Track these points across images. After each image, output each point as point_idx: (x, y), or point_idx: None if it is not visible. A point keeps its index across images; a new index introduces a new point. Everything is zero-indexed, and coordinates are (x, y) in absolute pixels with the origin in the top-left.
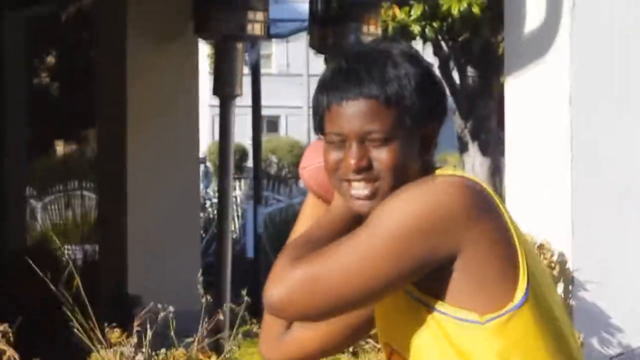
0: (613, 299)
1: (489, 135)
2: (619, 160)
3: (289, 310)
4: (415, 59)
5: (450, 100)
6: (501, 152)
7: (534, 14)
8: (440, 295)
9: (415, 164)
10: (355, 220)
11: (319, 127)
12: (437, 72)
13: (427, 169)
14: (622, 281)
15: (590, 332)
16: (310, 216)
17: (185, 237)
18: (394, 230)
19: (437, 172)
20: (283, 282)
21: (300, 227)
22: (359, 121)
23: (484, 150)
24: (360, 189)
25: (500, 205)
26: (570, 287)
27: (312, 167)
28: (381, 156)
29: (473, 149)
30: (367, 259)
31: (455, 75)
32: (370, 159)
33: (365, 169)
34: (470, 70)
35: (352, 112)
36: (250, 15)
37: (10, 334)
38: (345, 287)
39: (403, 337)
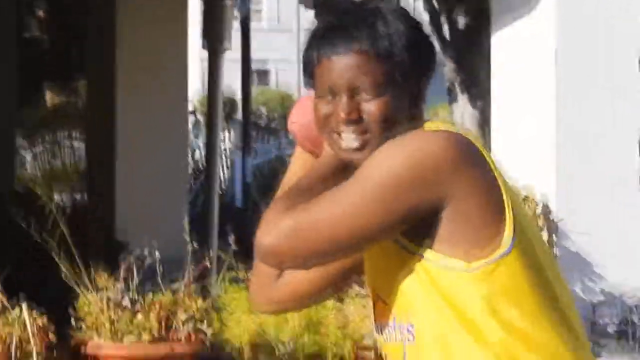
0: (595, 248)
1: (478, 87)
2: (601, 114)
3: (280, 258)
4: (404, 16)
5: (440, 52)
6: (490, 104)
7: None
8: (427, 242)
9: (404, 118)
10: (345, 172)
11: (310, 80)
12: (427, 25)
13: (417, 123)
14: (605, 231)
15: (574, 280)
16: (299, 169)
17: (173, 185)
18: (382, 180)
19: (426, 125)
20: (274, 231)
21: (289, 180)
22: (350, 75)
23: (472, 102)
24: (350, 140)
25: (488, 157)
26: (553, 235)
27: (302, 121)
28: (371, 109)
29: (462, 100)
30: (357, 208)
31: (446, 28)
32: (360, 111)
33: (356, 121)
34: (460, 23)
35: (343, 66)
36: None
37: None
38: (335, 235)
39: (389, 284)
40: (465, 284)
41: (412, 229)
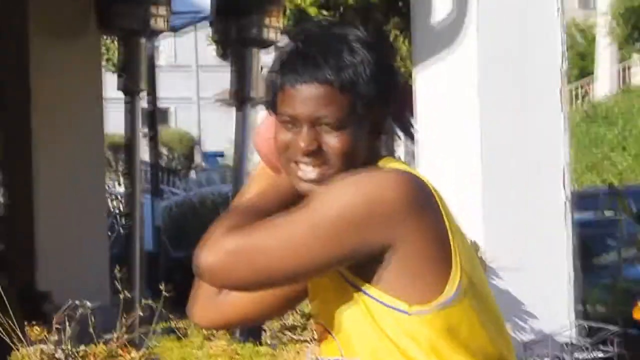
0: (525, 286)
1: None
2: (525, 150)
3: (217, 278)
4: (371, 45)
5: None
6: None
7: (440, 6)
8: (372, 280)
9: (363, 151)
10: (298, 197)
11: (272, 105)
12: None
13: (375, 157)
14: (534, 268)
15: (505, 319)
16: (258, 182)
17: (93, 232)
18: (330, 215)
19: (382, 162)
20: (215, 249)
21: (248, 193)
22: (312, 105)
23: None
24: (308, 171)
25: (440, 201)
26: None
27: (266, 135)
28: (332, 142)
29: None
30: (301, 239)
31: None
32: (320, 143)
33: (315, 153)
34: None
35: (306, 96)
36: (153, 9)
37: None
38: (277, 264)
39: (333, 316)
40: (407, 326)
41: (358, 265)
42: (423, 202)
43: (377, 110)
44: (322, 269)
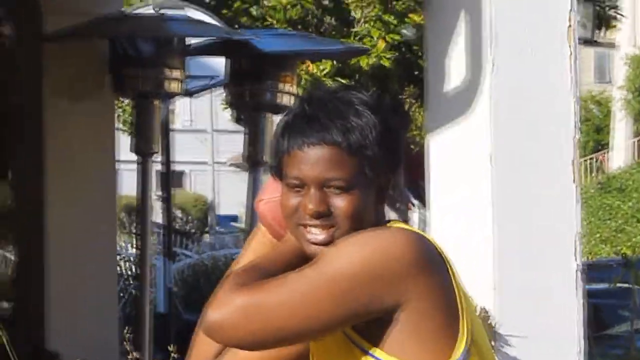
0: (535, 354)
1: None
2: (538, 219)
3: (226, 334)
4: (376, 108)
5: None
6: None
7: (454, 75)
8: (377, 341)
9: (370, 214)
10: (305, 258)
11: (277, 170)
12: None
13: (380, 220)
14: (544, 337)
15: None
16: (255, 250)
17: (103, 293)
18: (340, 274)
19: (389, 224)
20: (224, 306)
21: (244, 259)
22: (320, 167)
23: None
24: (317, 234)
25: (447, 262)
26: (493, 342)
27: (269, 200)
28: (340, 204)
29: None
30: (310, 297)
31: None
32: (329, 205)
33: (324, 215)
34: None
35: (314, 158)
36: (167, 72)
37: None
38: (284, 322)
39: None
40: None
41: (365, 325)
42: (430, 260)
43: (384, 173)
44: (332, 327)
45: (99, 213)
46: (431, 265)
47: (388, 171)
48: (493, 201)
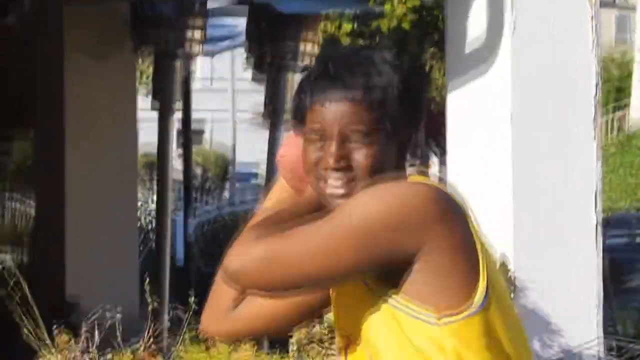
0: (554, 304)
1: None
2: (558, 175)
3: (246, 279)
4: (397, 67)
5: None
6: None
7: (474, 34)
8: (398, 287)
9: (390, 168)
10: (324, 212)
11: (298, 124)
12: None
13: (400, 174)
14: (564, 287)
15: (531, 338)
16: (275, 204)
17: (122, 245)
18: (359, 221)
19: (410, 178)
20: (244, 253)
21: (266, 210)
22: (341, 121)
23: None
24: (337, 187)
25: (466, 213)
26: (511, 290)
27: (290, 156)
28: (360, 157)
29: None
30: (330, 244)
31: None
32: (349, 159)
33: (343, 168)
34: None
35: (335, 113)
36: (188, 33)
37: None
38: (303, 270)
39: (359, 326)
40: (435, 335)
41: (384, 273)
42: (449, 210)
43: (404, 129)
44: (348, 276)
45: (120, 167)
46: (450, 215)
47: (409, 127)
48: (513, 159)
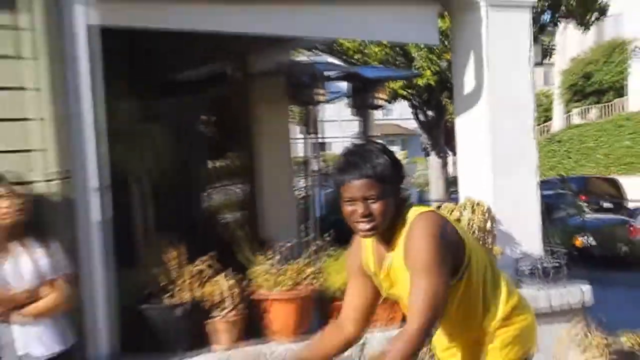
0: (517, 230)
1: (440, 147)
2: (516, 156)
3: (424, 335)
4: (387, 152)
5: (418, 128)
6: (446, 156)
7: (468, 85)
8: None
9: (393, 208)
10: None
11: (339, 194)
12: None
13: (401, 206)
14: (521, 221)
15: (505, 247)
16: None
17: (296, 206)
18: (431, 260)
19: (414, 209)
20: (414, 333)
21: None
22: (362, 190)
23: (437, 155)
24: (365, 227)
25: (455, 224)
26: (493, 224)
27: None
28: (376, 208)
29: (432, 154)
30: (434, 285)
31: (421, 115)
32: (370, 210)
33: (367, 216)
34: (429, 114)
35: (358, 186)
36: (318, 90)
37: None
38: (437, 306)
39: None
40: (454, 287)
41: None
42: (449, 226)
43: (396, 185)
44: (446, 288)
45: (284, 166)
46: (449, 230)
47: (398, 184)
48: (492, 147)
